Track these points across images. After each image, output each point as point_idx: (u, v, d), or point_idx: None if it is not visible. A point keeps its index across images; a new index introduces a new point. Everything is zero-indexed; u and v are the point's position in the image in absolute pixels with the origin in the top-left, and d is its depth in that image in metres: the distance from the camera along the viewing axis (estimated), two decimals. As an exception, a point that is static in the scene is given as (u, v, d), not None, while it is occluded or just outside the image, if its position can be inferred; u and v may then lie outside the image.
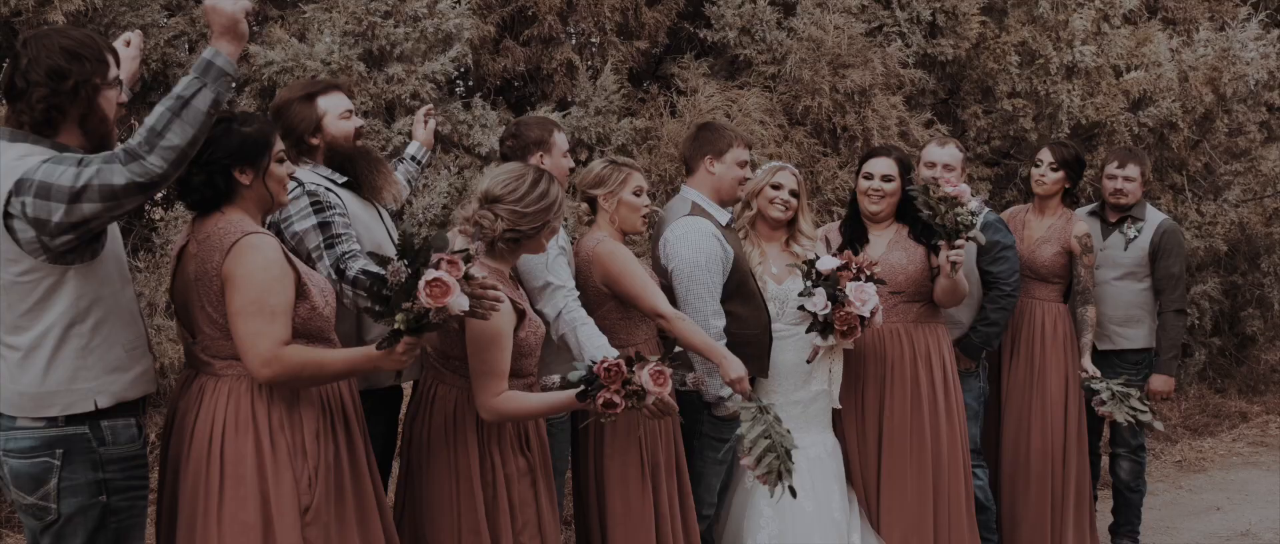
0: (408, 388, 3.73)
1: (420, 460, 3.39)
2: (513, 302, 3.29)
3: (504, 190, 3.34)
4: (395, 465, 3.73)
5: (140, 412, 2.89)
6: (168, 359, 4.70)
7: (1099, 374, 4.91)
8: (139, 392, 2.85)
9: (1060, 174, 5.16)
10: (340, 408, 3.06)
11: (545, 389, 3.45)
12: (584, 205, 4.10)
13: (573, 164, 4.20)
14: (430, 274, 2.73)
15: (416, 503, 3.39)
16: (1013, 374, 5.18)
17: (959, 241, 4.34)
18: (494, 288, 3.02)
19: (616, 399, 3.09)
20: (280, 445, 2.89)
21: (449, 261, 2.78)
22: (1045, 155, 5.22)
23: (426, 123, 4.51)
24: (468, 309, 2.83)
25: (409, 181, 4.40)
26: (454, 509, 3.31)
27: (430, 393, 3.42)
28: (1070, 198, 5.28)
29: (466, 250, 2.89)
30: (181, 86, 2.62)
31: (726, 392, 4.10)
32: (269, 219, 3.23)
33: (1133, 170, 5.32)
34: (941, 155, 4.91)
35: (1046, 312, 5.15)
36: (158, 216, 5.40)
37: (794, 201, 4.47)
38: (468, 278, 2.83)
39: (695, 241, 4.10)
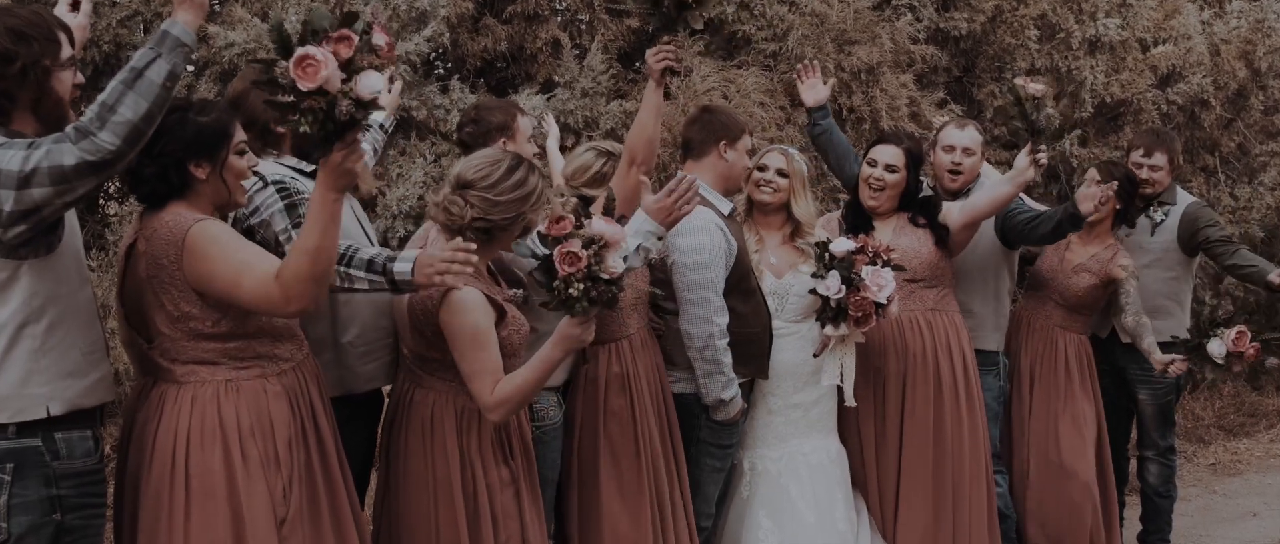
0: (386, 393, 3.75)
1: (396, 470, 3.40)
2: (491, 298, 3.28)
3: (476, 175, 3.31)
4: (376, 477, 3.76)
5: (96, 422, 2.88)
6: (123, 364, 4.71)
7: (1178, 356, 4.84)
8: (95, 399, 2.85)
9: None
10: (311, 412, 3.07)
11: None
12: (573, 202, 4.08)
13: (538, 150, 4.19)
14: (301, 50, 2.52)
15: (393, 515, 3.41)
16: (1034, 397, 5.18)
17: (1042, 149, 4.40)
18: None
19: (578, 251, 3.03)
20: (252, 455, 2.90)
21: (337, 39, 2.56)
22: (1092, 174, 5.15)
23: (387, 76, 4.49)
24: (382, 90, 2.61)
25: (375, 151, 4.36)
26: (432, 522, 3.32)
27: (407, 398, 3.43)
28: (1121, 219, 5.20)
29: (367, 23, 2.65)
30: (135, 58, 2.63)
31: (728, 394, 4.13)
32: (233, 216, 3.23)
33: (1160, 158, 5.30)
34: (961, 138, 4.92)
35: (1069, 342, 5.17)
36: (112, 212, 5.40)
37: (783, 182, 4.47)
38: (370, 49, 2.61)
39: (699, 232, 4.09)
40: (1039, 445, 5.13)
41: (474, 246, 3.12)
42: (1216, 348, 4.67)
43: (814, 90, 5.26)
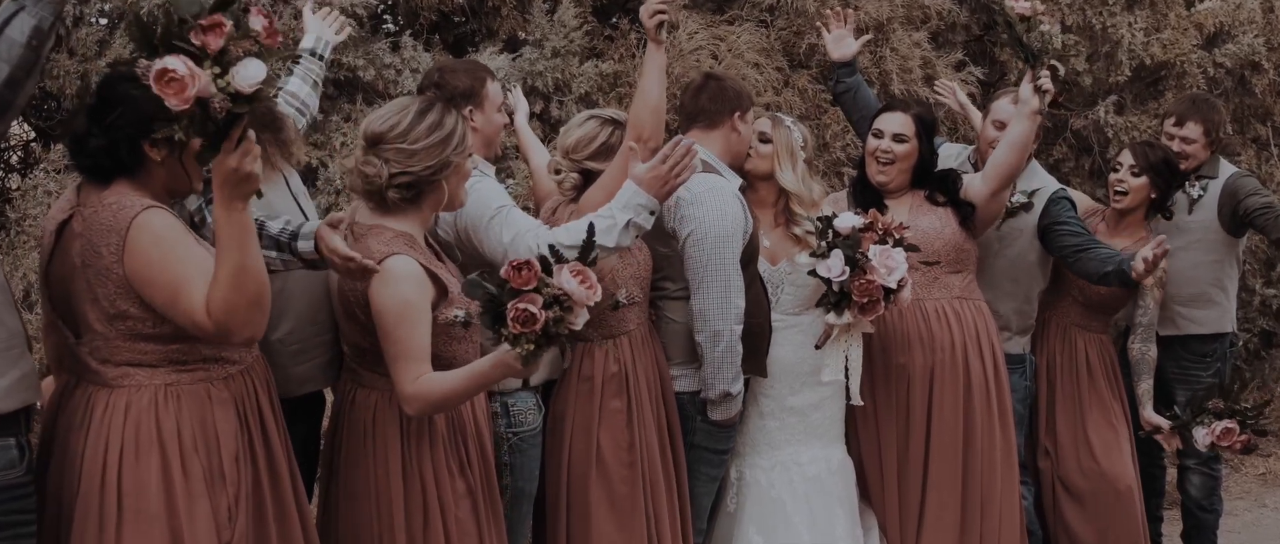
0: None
1: (337, 482, 3.44)
2: (431, 272, 3.30)
3: (384, 127, 3.32)
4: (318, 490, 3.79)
5: (21, 429, 2.85)
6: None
7: (1165, 423, 4.86)
8: (17, 402, 2.82)
9: (1143, 181, 5.07)
10: (260, 422, 3.08)
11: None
12: (573, 178, 4.09)
13: (507, 120, 4.21)
14: (159, 64, 2.44)
15: (336, 533, 3.45)
16: (1056, 400, 5.21)
17: (1044, 72, 4.39)
18: None
19: (534, 310, 2.92)
20: (194, 470, 2.89)
21: (207, 28, 2.47)
22: (1125, 157, 5.16)
23: (318, 9, 4.47)
24: (261, 80, 2.51)
25: (315, 84, 4.32)
26: (374, 537, 3.35)
27: (348, 400, 3.46)
28: (1159, 210, 5.19)
29: (242, 3, 2.57)
30: None
31: (737, 387, 4.13)
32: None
33: (1193, 129, 5.34)
34: None
35: (1089, 342, 5.20)
36: (14, 186, 5.38)
37: (765, 148, 4.48)
38: (247, 35, 2.52)
39: (720, 203, 4.07)
40: (1069, 454, 5.16)
41: (363, 258, 3.17)
42: (1201, 436, 4.71)
43: (841, 43, 5.29)
